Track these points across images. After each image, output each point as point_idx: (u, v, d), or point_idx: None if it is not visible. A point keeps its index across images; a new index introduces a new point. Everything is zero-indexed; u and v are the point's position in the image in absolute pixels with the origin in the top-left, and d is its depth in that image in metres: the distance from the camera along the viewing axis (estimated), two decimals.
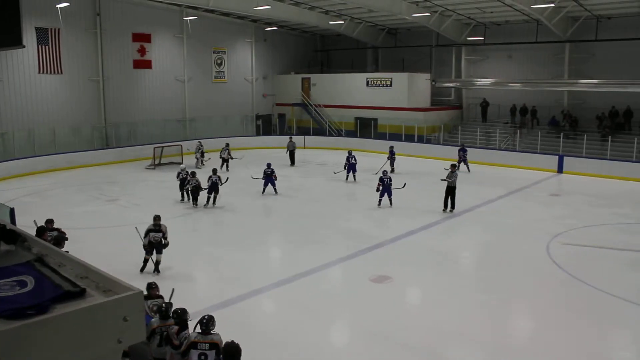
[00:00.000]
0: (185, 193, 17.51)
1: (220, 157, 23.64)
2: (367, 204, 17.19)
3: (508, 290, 10.39)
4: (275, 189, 18.60)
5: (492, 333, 8.65)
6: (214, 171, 17.31)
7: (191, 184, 16.86)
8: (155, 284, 7.66)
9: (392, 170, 20.87)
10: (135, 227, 11.40)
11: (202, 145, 24.74)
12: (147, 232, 10.80)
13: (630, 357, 8.29)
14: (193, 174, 17.16)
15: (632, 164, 21.76)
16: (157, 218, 10.93)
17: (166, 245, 10.84)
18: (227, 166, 23.15)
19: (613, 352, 8.33)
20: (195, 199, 16.90)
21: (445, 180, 16.15)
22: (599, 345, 8.34)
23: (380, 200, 16.79)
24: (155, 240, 10.71)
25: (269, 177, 18.50)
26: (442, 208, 16.11)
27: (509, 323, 9.29)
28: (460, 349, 8.13)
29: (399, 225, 14.80)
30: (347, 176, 21.06)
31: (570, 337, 8.49)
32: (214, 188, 16.88)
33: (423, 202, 17.36)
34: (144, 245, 10.84)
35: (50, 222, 9.84)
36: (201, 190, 16.79)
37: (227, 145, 24.07)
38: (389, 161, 22.37)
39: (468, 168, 23.21)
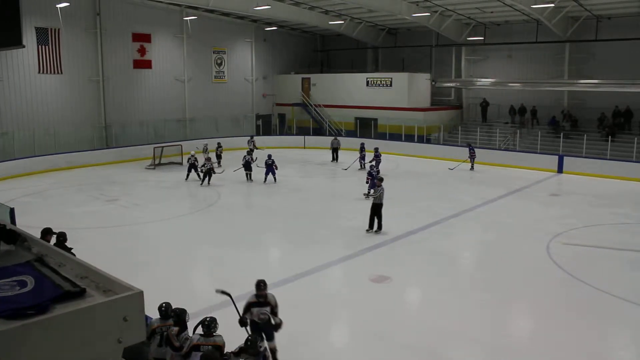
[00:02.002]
0: (197, 174, 20.24)
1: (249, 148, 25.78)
2: (367, 204, 17.14)
3: (508, 290, 10.39)
4: (275, 178, 20.10)
5: (492, 333, 8.64)
6: (248, 152, 20.59)
7: (206, 166, 19.61)
8: (257, 337, 6.05)
9: (378, 172, 21.04)
10: (222, 292, 6.72)
11: (220, 146, 24.72)
12: (248, 306, 7.01)
13: (630, 357, 8.28)
14: (209, 159, 20.02)
15: (632, 164, 21.76)
16: (261, 286, 7.02)
17: (278, 325, 6.93)
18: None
19: (613, 352, 8.33)
20: (203, 179, 19.72)
21: (369, 195, 14.00)
22: (598, 345, 8.34)
23: (367, 193, 17.36)
24: (261, 320, 6.95)
25: (270, 167, 19.92)
26: (367, 228, 13.90)
27: (509, 323, 9.29)
28: (460, 349, 8.12)
29: (399, 225, 14.76)
30: (361, 164, 23.25)
31: (570, 337, 8.48)
32: (247, 167, 20.20)
33: (423, 202, 17.39)
34: (242, 321, 6.81)
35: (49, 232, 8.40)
36: (214, 173, 19.75)
37: (252, 137, 26.49)
38: (374, 162, 22.67)
39: (472, 166, 23.53)
